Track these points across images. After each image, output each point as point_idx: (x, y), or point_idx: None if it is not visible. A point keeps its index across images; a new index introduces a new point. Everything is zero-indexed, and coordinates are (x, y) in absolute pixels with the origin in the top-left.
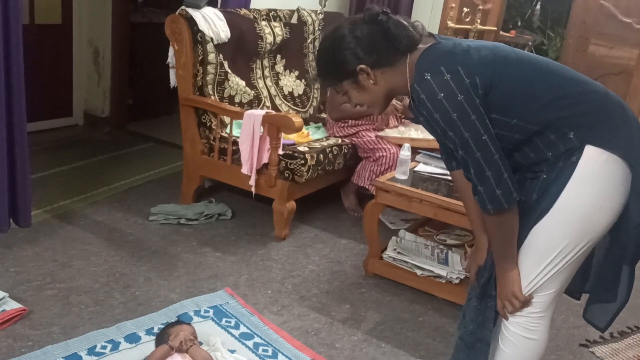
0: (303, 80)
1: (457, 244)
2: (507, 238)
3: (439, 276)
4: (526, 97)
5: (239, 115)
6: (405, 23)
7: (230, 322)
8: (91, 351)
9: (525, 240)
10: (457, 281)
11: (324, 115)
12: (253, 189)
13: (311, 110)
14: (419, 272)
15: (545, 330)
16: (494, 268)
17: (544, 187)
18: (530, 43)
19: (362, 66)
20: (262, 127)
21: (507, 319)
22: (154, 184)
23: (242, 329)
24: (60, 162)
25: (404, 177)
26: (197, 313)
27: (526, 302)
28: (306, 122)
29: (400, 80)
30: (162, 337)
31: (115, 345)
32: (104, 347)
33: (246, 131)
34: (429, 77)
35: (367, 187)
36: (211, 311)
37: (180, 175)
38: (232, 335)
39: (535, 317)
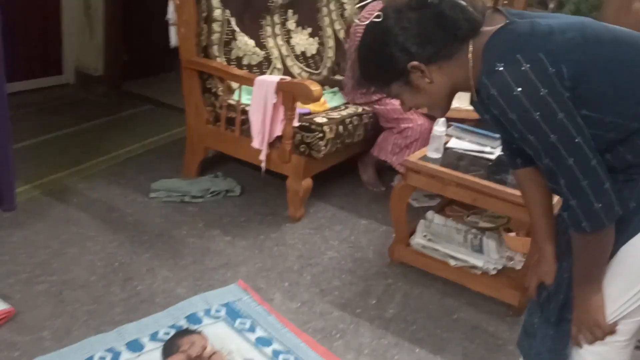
0: (316, 38)
1: (491, 227)
2: (598, 259)
3: (474, 266)
4: (625, 88)
5: (249, 82)
6: (463, 2)
7: (245, 324)
8: None
9: (615, 257)
10: (494, 272)
11: (338, 77)
12: (263, 165)
13: (325, 72)
14: (452, 262)
15: None
16: (570, 288)
17: None
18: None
19: (415, 63)
20: (275, 96)
21: (580, 347)
22: (154, 154)
23: (259, 332)
24: (49, 128)
25: (438, 156)
26: (207, 313)
27: (610, 332)
28: (320, 85)
29: (462, 74)
30: (170, 349)
31: (116, 355)
32: (102, 358)
33: (257, 100)
34: (501, 69)
35: (388, 160)
36: (223, 310)
37: (182, 144)
38: (248, 340)
39: (619, 346)
